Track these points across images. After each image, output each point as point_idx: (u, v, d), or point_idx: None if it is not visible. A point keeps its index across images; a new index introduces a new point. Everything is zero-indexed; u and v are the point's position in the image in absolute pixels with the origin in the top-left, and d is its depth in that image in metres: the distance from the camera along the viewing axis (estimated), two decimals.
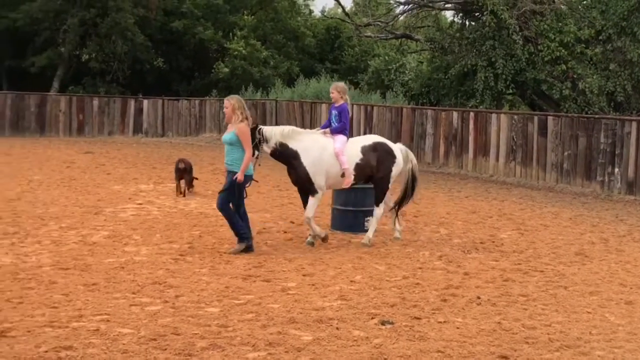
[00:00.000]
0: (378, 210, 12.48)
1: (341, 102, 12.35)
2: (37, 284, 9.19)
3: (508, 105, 32.31)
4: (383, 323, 8.02)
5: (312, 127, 30.90)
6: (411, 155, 12.88)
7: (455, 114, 24.72)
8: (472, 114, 24.22)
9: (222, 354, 6.89)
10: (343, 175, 12.06)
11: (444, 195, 18.84)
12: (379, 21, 33.37)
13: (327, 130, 12.26)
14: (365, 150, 12.25)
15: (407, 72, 35.68)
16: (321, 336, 7.51)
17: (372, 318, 8.23)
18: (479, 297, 9.21)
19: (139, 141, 31.50)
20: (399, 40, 35.25)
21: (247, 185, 11.41)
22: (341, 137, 12.13)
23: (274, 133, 11.80)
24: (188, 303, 8.59)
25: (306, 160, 11.81)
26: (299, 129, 12.23)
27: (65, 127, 32.20)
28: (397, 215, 12.91)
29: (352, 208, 13.36)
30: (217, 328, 7.66)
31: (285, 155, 11.89)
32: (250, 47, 39.51)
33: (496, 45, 26.34)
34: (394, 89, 34.38)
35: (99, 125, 32.68)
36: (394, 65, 36.30)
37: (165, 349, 6.96)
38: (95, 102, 33.05)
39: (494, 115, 23.43)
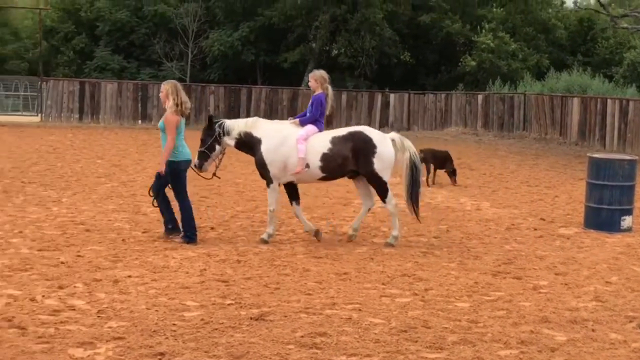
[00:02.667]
0: (388, 206, 11.41)
1: (319, 91, 11.50)
2: (292, 271, 9.55)
3: None
4: None
5: (562, 122, 30.13)
6: (407, 143, 11.48)
7: None
8: None
9: (473, 349, 6.81)
10: (308, 166, 11.14)
11: None
12: (636, 12, 31.80)
13: (297, 120, 11.55)
14: (337, 140, 11.18)
15: None
16: (576, 337, 7.24)
17: (630, 321, 7.83)
18: None
19: None
20: None
21: (190, 169, 11.16)
22: (309, 127, 11.31)
23: (237, 124, 11.46)
24: (437, 297, 8.58)
25: (264, 146, 11.24)
26: (264, 120, 11.79)
27: None
28: (415, 213, 11.53)
29: (607, 206, 12.78)
30: (468, 323, 7.59)
31: (251, 145, 11.41)
32: (498, 39, 38.94)
33: None
34: None
35: (346, 119, 33.51)
36: None
37: (416, 341, 6.98)
38: (344, 96, 33.94)
39: None
